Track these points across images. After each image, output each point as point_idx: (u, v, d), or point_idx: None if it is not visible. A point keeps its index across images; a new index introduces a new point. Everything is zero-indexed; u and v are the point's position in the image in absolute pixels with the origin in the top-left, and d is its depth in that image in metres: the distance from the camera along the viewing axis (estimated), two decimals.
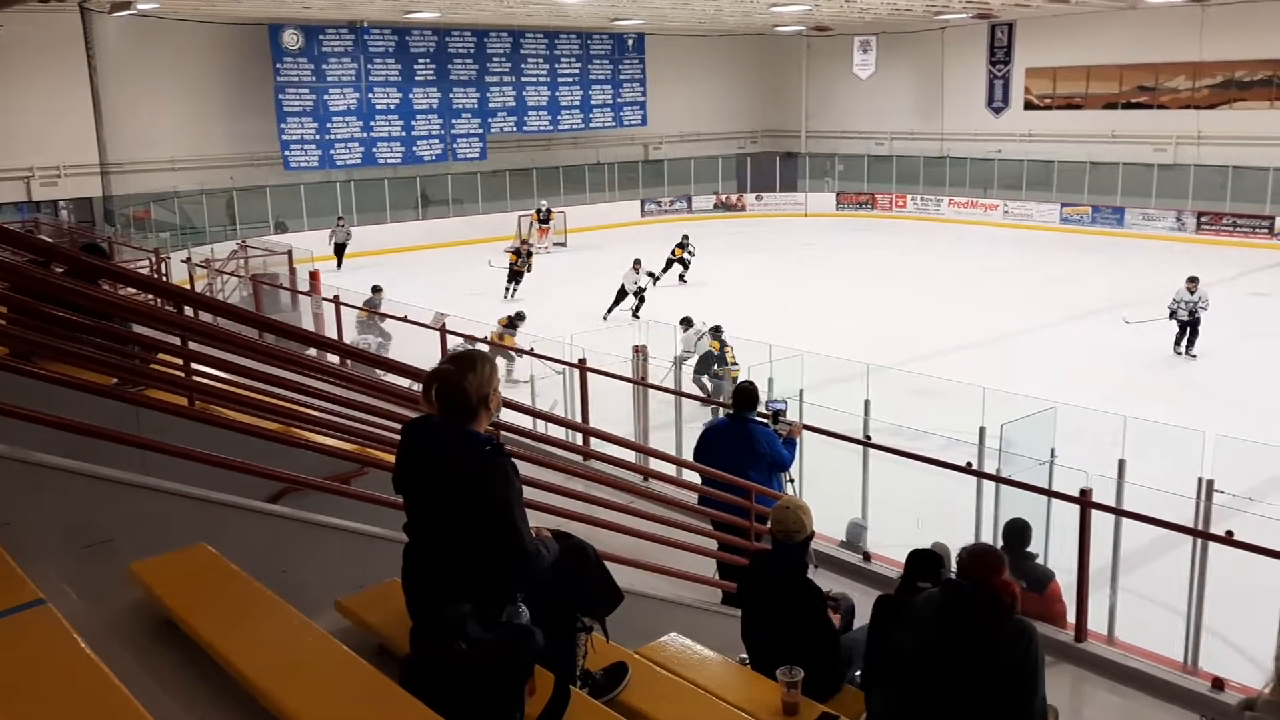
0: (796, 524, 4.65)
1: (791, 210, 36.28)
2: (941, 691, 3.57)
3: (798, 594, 4.62)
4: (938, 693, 3.58)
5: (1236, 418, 13.18)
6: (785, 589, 4.62)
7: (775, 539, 4.72)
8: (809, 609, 4.59)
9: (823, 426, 8.03)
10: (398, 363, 5.75)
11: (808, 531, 4.69)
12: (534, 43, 32.95)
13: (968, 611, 3.57)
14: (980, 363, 16.21)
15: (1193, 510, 6.68)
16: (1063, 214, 31.67)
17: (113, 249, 18.09)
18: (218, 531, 3.70)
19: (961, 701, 3.53)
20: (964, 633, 3.56)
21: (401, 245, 28.87)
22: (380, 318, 16.18)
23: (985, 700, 3.51)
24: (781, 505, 4.78)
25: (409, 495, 3.18)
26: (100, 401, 4.14)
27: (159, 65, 26.55)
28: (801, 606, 4.59)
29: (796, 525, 4.65)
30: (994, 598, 3.54)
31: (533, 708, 3.11)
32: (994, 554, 3.71)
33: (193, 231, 27.04)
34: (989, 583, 3.57)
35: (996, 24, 32.97)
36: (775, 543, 4.73)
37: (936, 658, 3.59)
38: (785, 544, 4.67)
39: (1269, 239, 27.70)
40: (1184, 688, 5.77)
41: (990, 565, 3.61)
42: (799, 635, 4.50)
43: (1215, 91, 29.21)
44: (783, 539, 4.66)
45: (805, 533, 4.67)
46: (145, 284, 7.63)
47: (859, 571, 7.32)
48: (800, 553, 4.69)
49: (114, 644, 2.89)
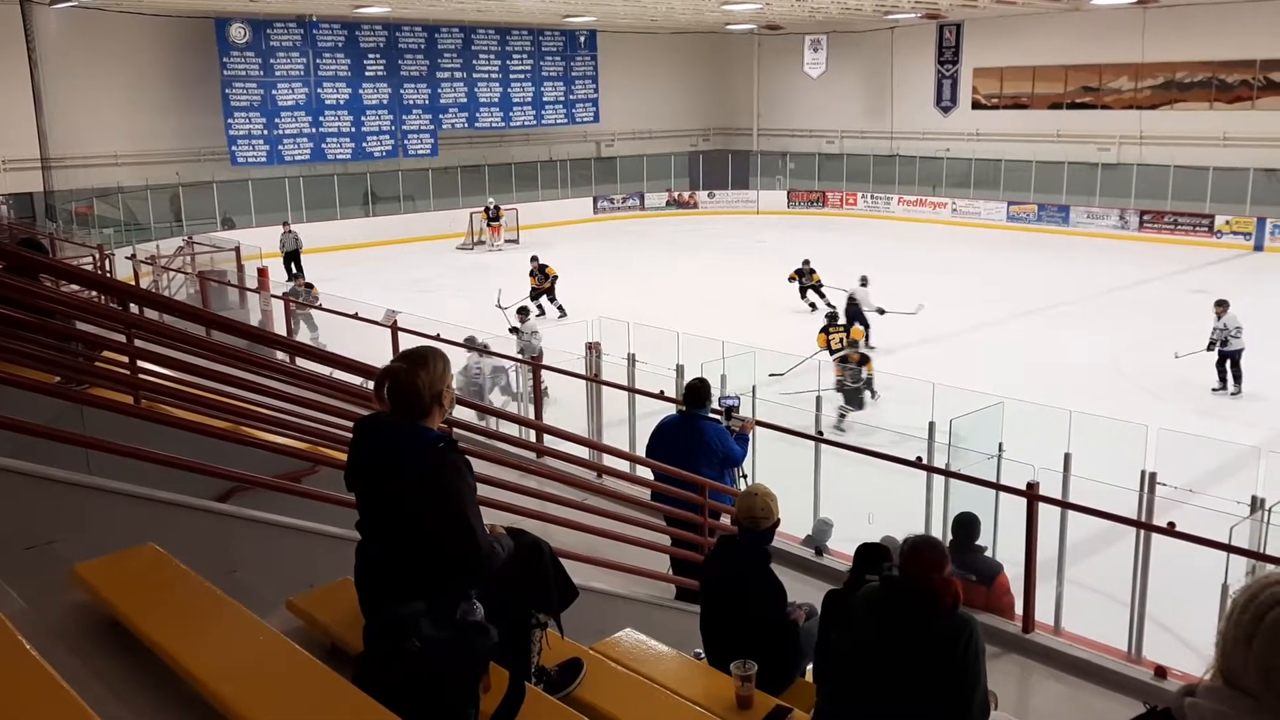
0: (764, 511, 4.66)
1: (743, 208, 36.45)
2: (878, 689, 3.51)
3: (759, 582, 4.65)
4: (875, 690, 3.53)
5: (1178, 412, 13.49)
6: (748, 576, 4.65)
7: (741, 526, 4.74)
8: (769, 598, 4.62)
9: (775, 422, 8.09)
10: (349, 360, 5.70)
11: (774, 518, 4.72)
12: (485, 39, 32.78)
13: (904, 608, 3.50)
14: (929, 358, 16.41)
15: (1136, 502, 6.82)
16: (1009, 212, 32.14)
17: (54, 245, 17.71)
18: (165, 531, 3.64)
19: (899, 699, 3.48)
20: (900, 630, 3.49)
21: (351, 242, 28.60)
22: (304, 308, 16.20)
23: (923, 697, 3.45)
24: (749, 492, 4.80)
25: (361, 493, 3.16)
26: (43, 400, 4.06)
27: (102, 58, 26.06)
28: (761, 595, 4.62)
29: (764, 512, 4.66)
30: (932, 595, 3.46)
31: (488, 705, 3.11)
32: (935, 549, 3.60)
33: (137, 228, 26.55)
34: (928, 579, 3.48)
35: (945, 24, 33.38)
36: (741, 529, 4.75)
37: (873, 655, 3.53)
38: (751, 531, 4.69)
39: (1209, 237, 28.33)
40: (1128, 676, 5.90)
41: (930, 561, 3.52)
42: (757, 624, 4.53)
43: (1157, 92, 29.81)
44: (749, 525, 4.69)
45: (772, 519, 4.70)
46: (90, 280, 7.49)
47: (811, 567, 7.38)
48: (765, 540, 4.72)
49: (59, 646, 2.84)
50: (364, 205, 31.51)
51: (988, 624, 6.25)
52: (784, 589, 4.74)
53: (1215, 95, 28.81)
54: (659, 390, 8.86)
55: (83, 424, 4.23)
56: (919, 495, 8.00)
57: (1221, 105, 28.66)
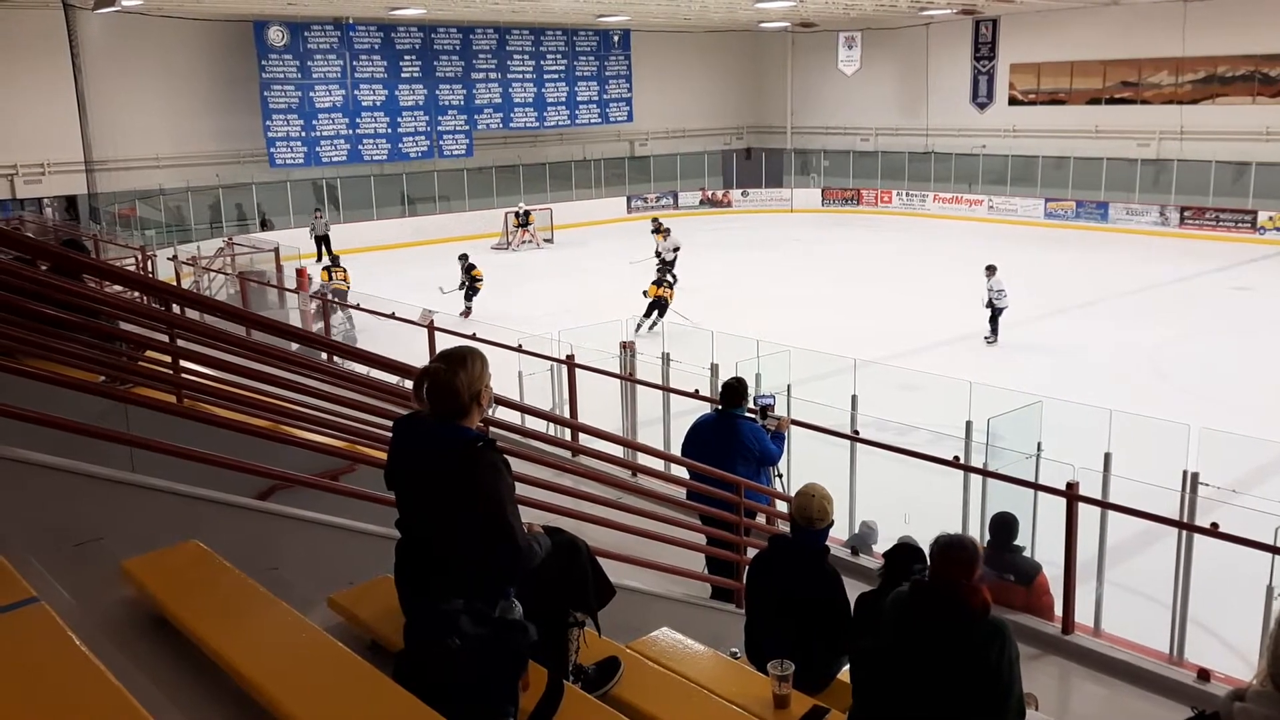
0: (820, 512, 4.71)
1: (777, 206, 36.32)
2: (911, 693, 3.46)
3: (816, 579, 4.65)
4: (907, 694, 3.48)
5: (1220, 411, 13.29)
6: (804, 577, 4.65)
7: (796, 526, 4.75)
8: (827, 594, 4.61)
9: (810, 421, 8.06)
10: (387, 359, 5.74)
11: (829, 520, 4.75)
12: (520, 39, 32.89)
13: (933, 614, 3.43)
14: (966, 357, 16.29)
15: (1178, 503, 6.74)
16: (1047, 209, 31.80)
17: (98, 246, 17.99)
18: (208, 529, 3.69)
19: (931, 703, 3.42)
20: (930, 635, 3.43)
21: (387, 242, 28.80)
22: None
23: (955, 702, 3.39)
24: (805, 493, 4.81)
25: (401, 491, 3.19)
26: (88, 399, 4.13)
27: (144, 62, 26.42)
28: (819, 591, 4.61)
29: (820, 514, 4.70)
30: (960, 600, 3.40)
31: (526, 702, 3.12)
32: (965, 551, 3.50)
33: (178, 229, 26.92)
34: (957, 583, 3.42)
35: (981, 20, 33.07)
36: (795, 528, 4.76)
37: (904, 659, 3.49)
38: (806, 531, 4.70)
39: (1251, 233, 27.87)
40: (1170, 679, 5.82)
41: (959, 564, 3.45)
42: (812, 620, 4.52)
43: (1198, 87, 29.37)
44: (804, 525, 4.70)
45: (827, 521, 4.74)
46: (133, 281, 7.60)
47: (849, 566, 7.34)
48: (820, 540, 4.74)
49: (107, 641, 2.89)
50: (400, 206, 31.74)
51: (1026, 625, 6.20)
52: (842, 583, 4.73)
53: (1258, 89, 28.35)
54: (694, 389, 8.86)
55: (127, 423, 4.29)
56: (956, 495, 7.94)
57: (1264, 99, 28.18)
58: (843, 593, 4.66)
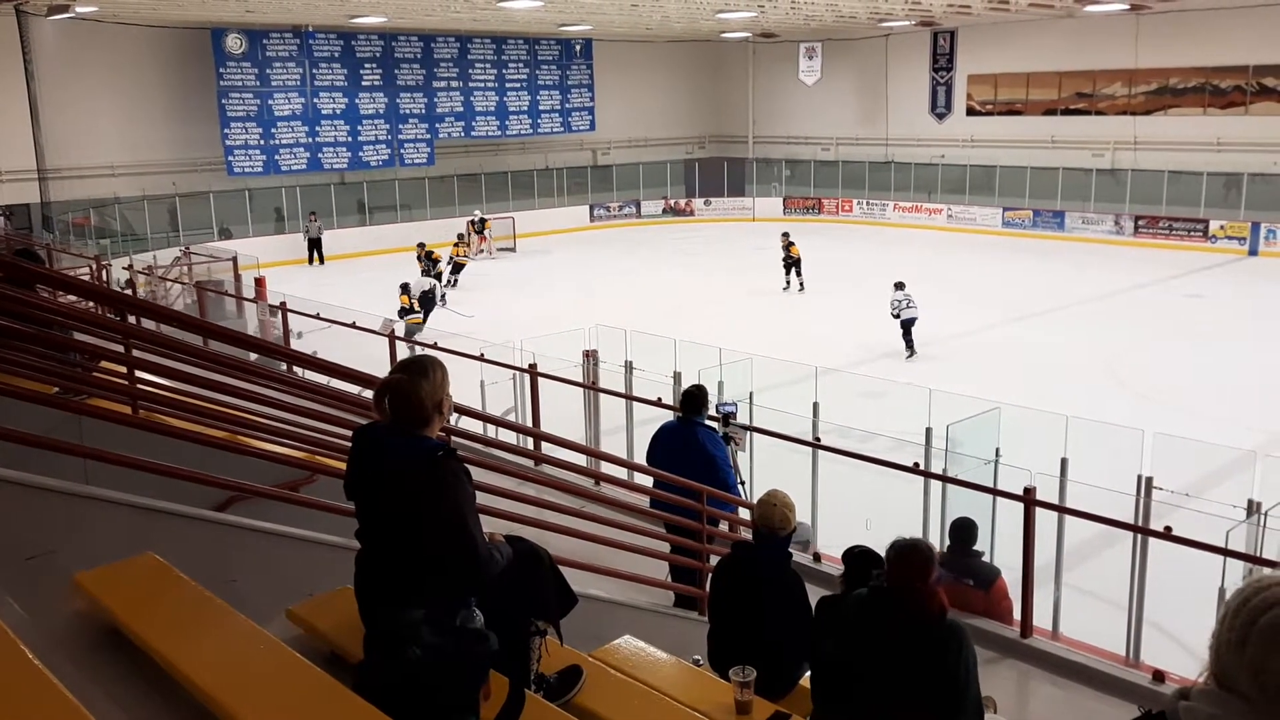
0: (782, 521, 4.72)
1: (739, 215, 36.51)
2: (870, 696, 3.51)
3: (778, 585, 4.66)
4: (867, 697, 3.52)
5: (1174, 416, 13.50)
6: (768, 583, 4.67)
7: (758, 533, 4.76)
8: (789, 600, 4.63)
9: (773, 429, 8.10)
10: (347, 368, 5.71)
11: (792, 526, 4.77)
12: (481, 48, 32.84)
13: (892, 617, 3.48)
14: (926, 364, 16.44)
15: (1133, 507, 6.84)
16: (1004, 218, 32.20)
17: (51, 256, 17.70)
18: (164, 541, 3.64)
19: (890, 706, 3.47)
20: (889, 638, 3.48)
21: (347, 251, 28.61)
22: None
23: (914, 705, 3.44)
24: (768, 501, 4.82)
25: (361, 501, 3.17)
26: (42, 410, 4.07)
27: (98, 69, 26.09)
28: (781, 598, 4.63)
29: (782, 522, 4.72)
30: (918, 604, 3.44)
31: (488, 712, 3.11)
32: (920, 555, 3.55)
33: (134, 238, 26.53)
34: (914, 587, 3.47)
35: (939, 31, 33.48)
36: (758, 535, 4.78)
37: (864, 663, 3.53)
38: (769, 537, 4.73)
39: (1203, 241, 28.39)
40: (1126, 680, 5.90)
41: (915, 568, 3.50)
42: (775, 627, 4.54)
43: (1151, 98, 29.90)
44: (767, 532, 4.73)
45: (790, 528, 4.75)
46: (87, 290, 7.50)
47: (808, 572, 7.37)
48: (783, 547, 4.76)
49: (60, 655, 2.85)
50: (360, 214, 31.53)
51: (986, 629, 6.26)
52: (805, 589, 4.75)
53: (1209, 100, 28.90)
54: (657, 397, 8.87)
55: (81, 434, 4.23)
56: (916, 501, 8.01)
57: (1215, 110, 28.74)
58: (805, 599, 4.68)
